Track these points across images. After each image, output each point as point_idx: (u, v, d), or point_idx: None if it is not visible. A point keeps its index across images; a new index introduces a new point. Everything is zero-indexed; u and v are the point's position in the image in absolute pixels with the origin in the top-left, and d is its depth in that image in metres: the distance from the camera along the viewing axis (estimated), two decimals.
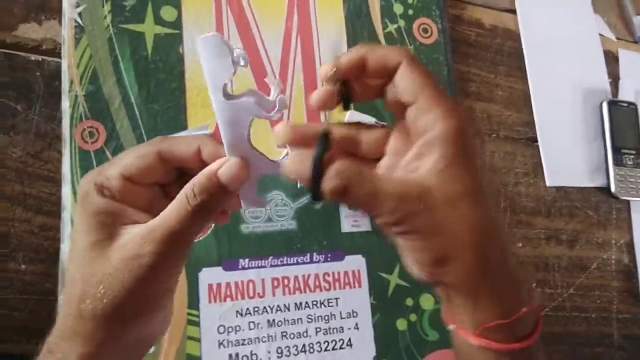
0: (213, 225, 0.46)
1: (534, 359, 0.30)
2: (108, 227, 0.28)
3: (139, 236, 0.27)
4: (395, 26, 0.60)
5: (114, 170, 0.29)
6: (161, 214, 0.28)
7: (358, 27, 0.59)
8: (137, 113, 0.50)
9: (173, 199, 0.29)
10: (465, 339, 0.29)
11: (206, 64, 0.27)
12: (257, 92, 0.27)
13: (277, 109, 0.28)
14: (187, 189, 0.28)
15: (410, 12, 0.61)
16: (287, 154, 0.29)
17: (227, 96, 0.27)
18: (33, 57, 0.50)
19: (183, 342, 0.47)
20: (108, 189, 0.29)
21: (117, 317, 0.27)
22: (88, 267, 0.27)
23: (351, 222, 0.54)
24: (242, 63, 0.26)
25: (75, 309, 0.27)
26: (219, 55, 0.26)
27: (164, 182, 0.31)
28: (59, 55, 0.50)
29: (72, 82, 0.49)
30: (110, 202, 0.28)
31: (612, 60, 0.71)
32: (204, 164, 0.29)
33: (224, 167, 0.28)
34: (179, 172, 0.31)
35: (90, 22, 0.51)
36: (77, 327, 0.27)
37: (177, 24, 0.53)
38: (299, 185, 0.52)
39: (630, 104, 0.68)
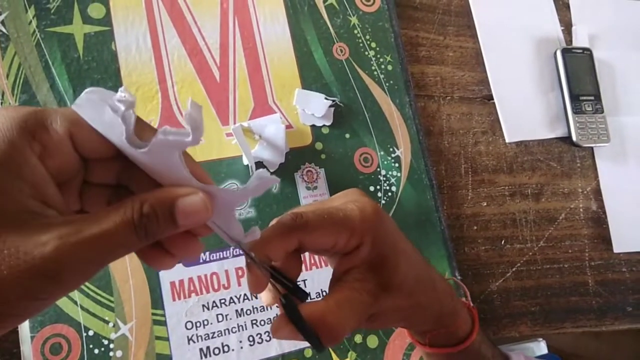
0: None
1: (478, 352, 0.40)
2: (16, 193, 0.21)
3: (55, 231, 0.20)
4: None
5: (59, 122, 0.23)
6: (89, 216, 0.22)
7: (297, 1, 0.57)
8: None
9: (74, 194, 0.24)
10: (421, 349, 0.41)
11: (95, 126, 0.23)
12: (166, 127, 0.23)
13: (190, 132, 0.23)
14: (135, 201, 0.23)
15: None
16: (252, 174, 0.26)
17: (137, 145, 0.23)
18: None
19: (151, 342, 0.46)
20: (42, 146, 0.22)
21: None
22: None
23: (310, 201, 0.53)
24: (123, 108, 0.22)
25: None
26: (98, 113, 0.23)
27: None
28: None
29: (3, 94, 0.48)
30: (36, 161, 0.22)
31: (562, 7, 0.70)
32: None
33: (187, 197, 0.23)
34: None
35: (14, 29, 0.49)
36: None
37: (107, 21, 0.51)
38: (251, 173, 0.51)
39: (584, 49, 0.67)
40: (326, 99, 0.55)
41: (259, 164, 0.52)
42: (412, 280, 0.33)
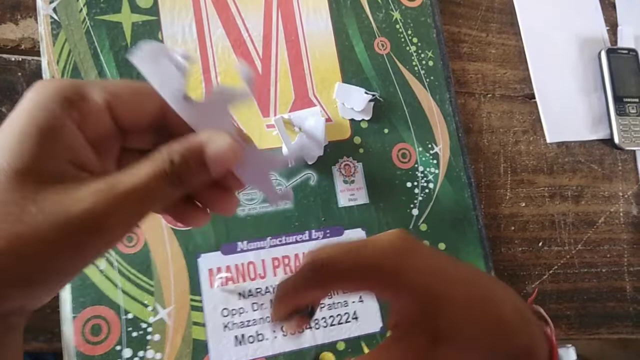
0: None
1: None
2: (54, 157, 0.22)
3: (91, 187, 0.21)
4: None
5: (98, 93, 0.24)
6: (124, 172, 0.23)
7: None
8: None
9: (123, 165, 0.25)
10: None
11: (151, 79, 0.24)
12: (220, 85, 0.24)
13: (244, 88, 0.24)
14: (165, 152, 0.23)
15: None
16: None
17: (190, 102, 0.24)
18: (13, 58, 0.50)
19: (188, 328, 0.47)
20: (81, 114, 0.23)
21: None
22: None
23: (347, 195, 0.53)
24: (187, 63, 0.24)
25: None
26: (158, 67, 0.23)
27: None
28: (38, 53, 0.50)
29: (53, 79, 0.49)
30: (74, 129, 0.23)
31: (608, 6, 0.68)
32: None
33: (215, 141, 0.24)
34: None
35: (65, 16, 0.50)
36: None
37: (154, 10, 0.52)
38: (290, 164, 0.51)
39: (630, 50, 0.66)
40: (366, 93, 0.55)
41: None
42: (464, 323, 0.28)
